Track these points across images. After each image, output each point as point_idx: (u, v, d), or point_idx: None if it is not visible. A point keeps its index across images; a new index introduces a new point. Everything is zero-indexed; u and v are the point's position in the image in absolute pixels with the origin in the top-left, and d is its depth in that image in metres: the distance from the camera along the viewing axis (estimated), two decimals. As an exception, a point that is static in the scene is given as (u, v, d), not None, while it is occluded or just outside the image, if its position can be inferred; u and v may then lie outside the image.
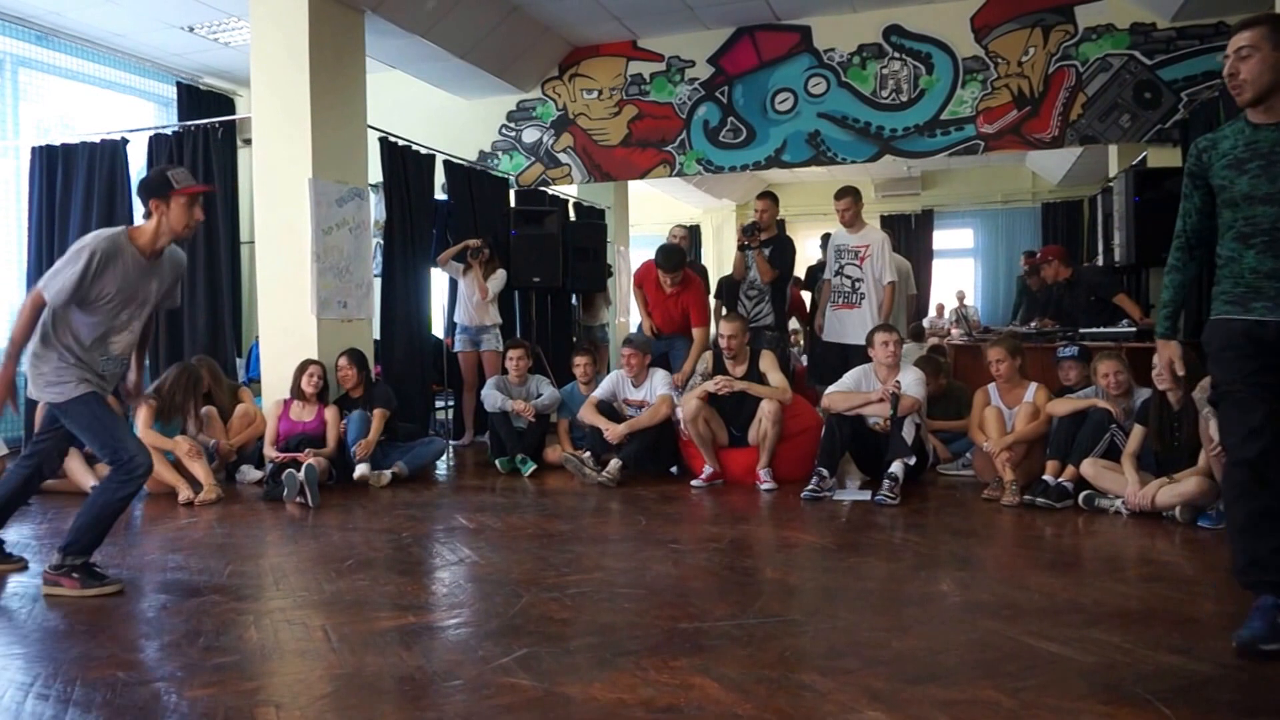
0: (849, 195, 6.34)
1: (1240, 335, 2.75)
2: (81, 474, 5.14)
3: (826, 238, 7.71)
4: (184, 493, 5.02)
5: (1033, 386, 5.15)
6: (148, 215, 3.42)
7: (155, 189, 3.39)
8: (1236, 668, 2.52)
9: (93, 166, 6.76)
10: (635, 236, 11.75)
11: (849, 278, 6.28)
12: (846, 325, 6.25)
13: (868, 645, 2.72)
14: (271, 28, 5.91)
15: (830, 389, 5.39)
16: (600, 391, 6.01)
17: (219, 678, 2.53)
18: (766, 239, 6.58)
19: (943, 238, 14.32)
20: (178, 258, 3.61)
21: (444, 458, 6.67)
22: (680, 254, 6.50)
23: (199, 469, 5.12)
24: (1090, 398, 4.89)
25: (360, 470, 5.38)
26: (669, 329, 6.69)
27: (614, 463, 5.52)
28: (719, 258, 14.55)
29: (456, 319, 7.24)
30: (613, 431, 5.66)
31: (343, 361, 5.74)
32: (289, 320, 5.89)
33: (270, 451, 5.49)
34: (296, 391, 5.59)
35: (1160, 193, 6.72)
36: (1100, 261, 8.39)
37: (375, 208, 6.91)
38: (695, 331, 6.49)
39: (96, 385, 3.41)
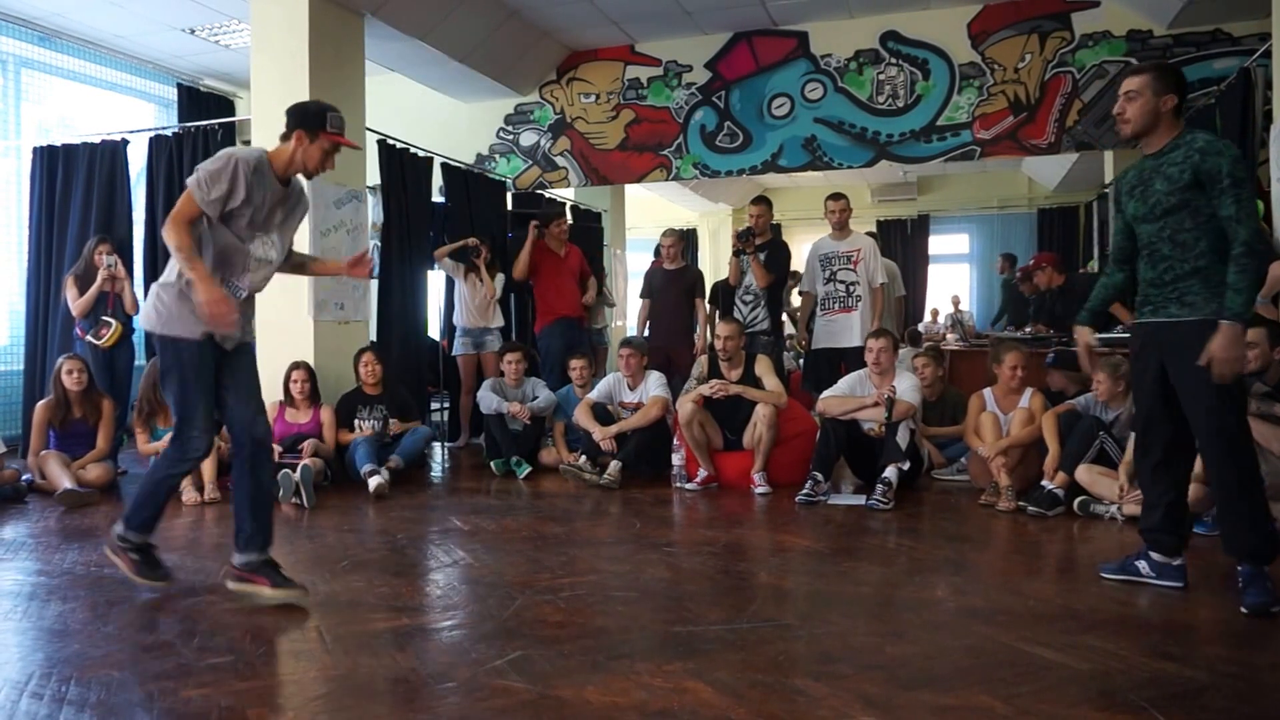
0: (844, 199, 6.47)
1: (1138, 338, 3.30)
2: (58, 474, 5.13)
3: None
4: (189, 493, 5.02)
5: (1028, 392, 5.16)
6: (285, 139, 3.23)
7: (306, 119, 3.20)
8: (1231, 675, 2.52)
9: (93, 167, 6.76)
10: (632, 240, 11.79)
11: (843, 282, 6.31)
12: (843, 329, 6.27)
13: (861, 650, 2.72)
14: (272, 30, 5.92)
15: (825, 393, 5.40)
16: (596, 393, 6.03)
17: (213, 678, 2.53)
18: (761, 244, 6.59)
19: (939, 243, 14.35)
20: (306, 197, 3.41)
21: (440, 460, 6.68)
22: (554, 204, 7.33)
23: (206, 468, 5.13)
24: (1088, 406, 4.90)
25: (374, 483, 5.24)
26: (576, 308, 7.37)
27: (614, 464, 5.53)
28: (715, 262, 14.58)
29: (456, 322, 7.24)
30: (601, 433, 5.68)
31: (369, 356, 5.80)
32: (286, 322, 5.89)
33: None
34: (286, 396, 5.59)
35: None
36: (1095, 267, 8.42)
37: (373, 210, 6.91)
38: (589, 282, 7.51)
39: (208, 333, 3.13)
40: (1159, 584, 3.30)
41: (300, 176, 3.32)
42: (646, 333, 6.97)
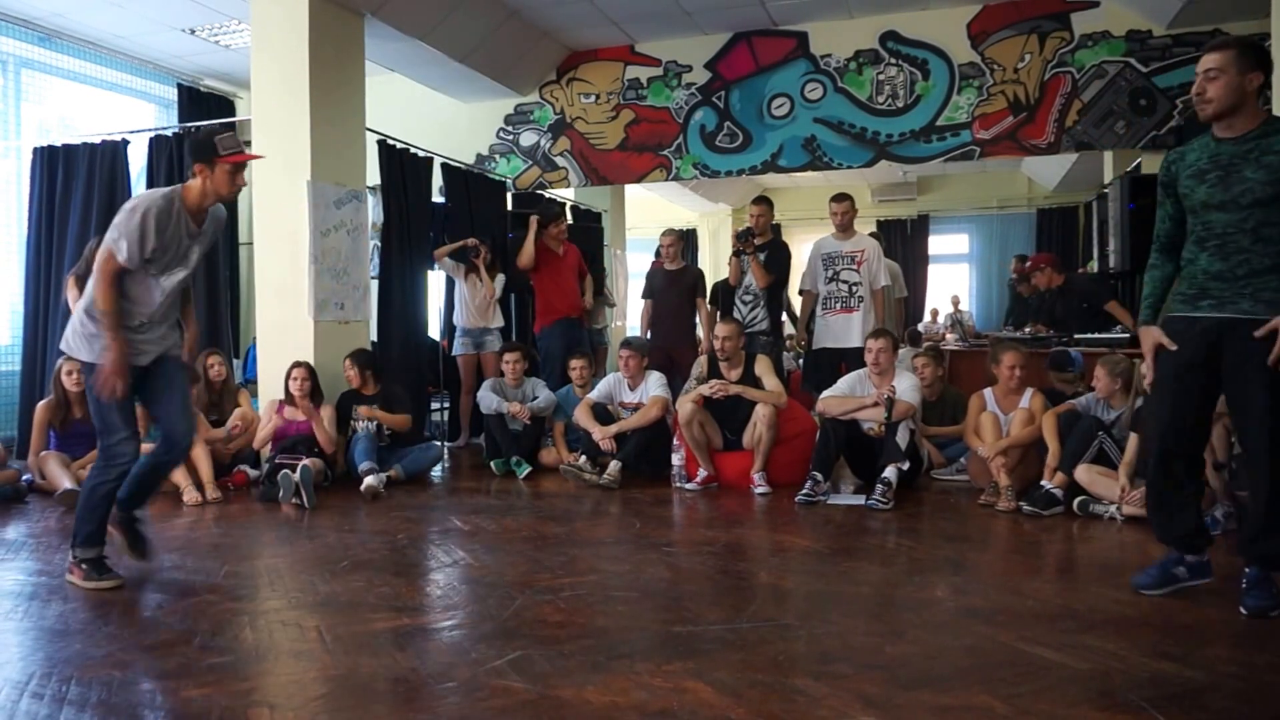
0: (848, 200, 6.43)
1: (1182, 332, 3.06)
2: (58, 475, 5.13)
3: None
4: (190, 493, 5.03)
5: (1029, 392, 5.16)
6: (192, 175, 3.41)
7: (200, 153, 3.38)
8: (1231, 675, 2.53)
9: (93, 167, 6.76)
10: (632, 240, 11.79)
11: (845, 283, 6.30)
12: (844, 330, 6.27)
13: (861, 650, 2.72)
14: (272, 30, 5.92)
15: (825, 393, 5.40)
16: (596, 394, 6.03)
17: (214, 678, 2.53)
18: (761, 244, 6.59)
19: (938, 243, 14.35)
20: (218, 214, 3.59)
21: (440, 460, 6.67)
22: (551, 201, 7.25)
23: (202, 468, 5.15)
24: (1088, 406, 4.91)
25: (369, 481, 5.23)
26: (577, 307, 7.33)
27: (614, 464, 5.53)
28: (715, 262, 14.57)
29: (456, 322, 7.24)
30: (601, 433, 5.68)
31: (347, 362, 5.78)
32: (286, 322, 5.90)
33: (261, 441, 5.55)
34: (286, 395, 5.60)
35: (1154, 200, 6.78)
36: (1095, 267, 8.43)
37: (373, 210, 6.92)
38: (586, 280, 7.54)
39: (131, 357, 3.37)
40: (1197, 584, 3.22)
41: (215, 206, 3.52)
42: (649, 334, 6.97)
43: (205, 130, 3.45)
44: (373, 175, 6.55)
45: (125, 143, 6.84)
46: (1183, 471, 3.14)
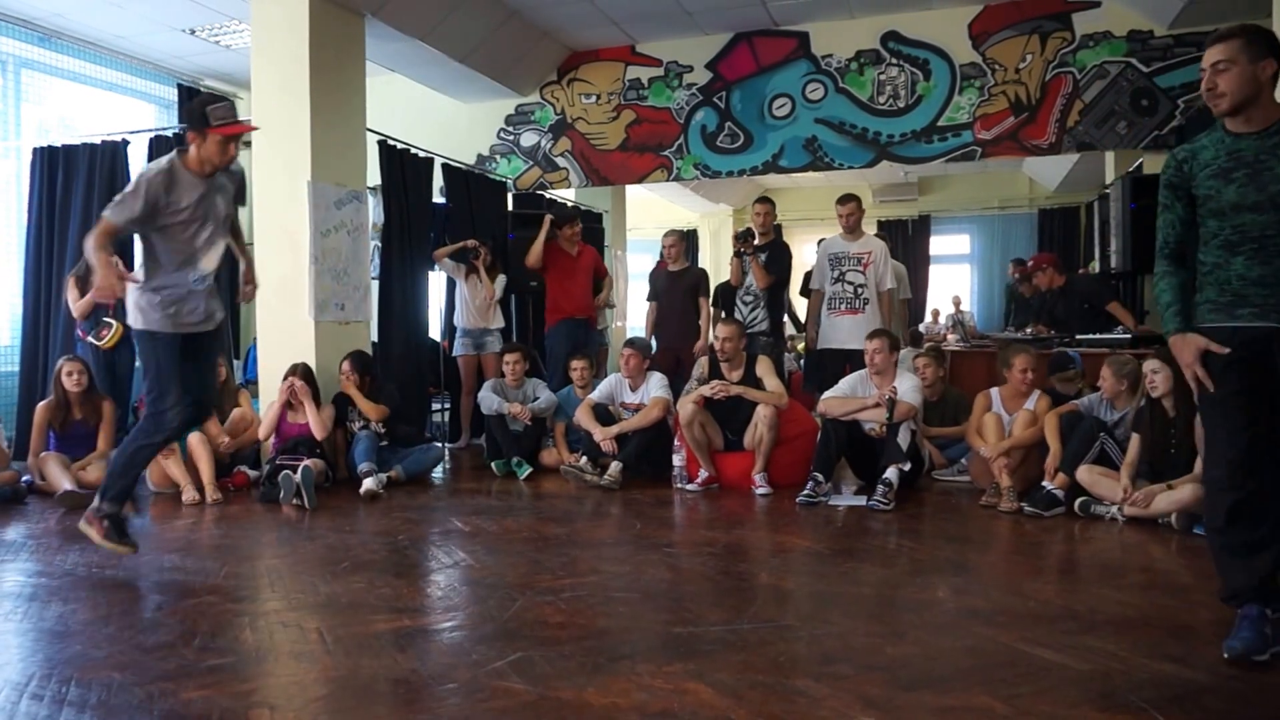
0: (854, 201, 6.38)
1: (1225, 342, 2.74)
2: (58, 476, 5.13)
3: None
4: (189, 492, 5.03)
5: (1035, 394, 5.15)
6: (188, 141, 3.52)
7: (193, 120, 3.46)
8: (1231, 676, 2.52)
9: (93, 168, 6.75)
10: (633, 241, 11.78)
11: (851, 284, 6.27)
12: (849, 331, 6.24)
13: (862, 651, 2.72)
14: (272, 31, 5.92)
15: (827, 394, 5.39)
16: (597, 394, 6.02)
17: (214, 679, 2.53)
18: (762, 245, 6.58)
19: (939, 243, 14.34)
20: (235, 168, 3.72)
21: (441, 461, 6.67)
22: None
23: (203, 469, 5.16)
24: (1090, 406, 4.91)
25: (368, 485, 5.23)
26: (585, 308, 7.31)
27: (614, 465, 5.53)
28: (716, 263, 14.57)
29: (457, 322, 7.24)
30: (602, 434, 5.68)
31: (345, 366, 5.76)
32: (286, 322, 5.89)
33: (266, 430, 5.58)
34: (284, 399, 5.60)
35: (1156, 200, 6.78)
36: (1097, 268, 8.43)
37: (373, 210, 6.92)
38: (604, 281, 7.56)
39: (178, 325, 3.58)
40: None
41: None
42: (654, 336, 6.95)
43: (199, 99, 3.53)
44: (373, 176, 6.55)
45: (125, 143, 6.83)
46: (1262, 499, 2.70)
